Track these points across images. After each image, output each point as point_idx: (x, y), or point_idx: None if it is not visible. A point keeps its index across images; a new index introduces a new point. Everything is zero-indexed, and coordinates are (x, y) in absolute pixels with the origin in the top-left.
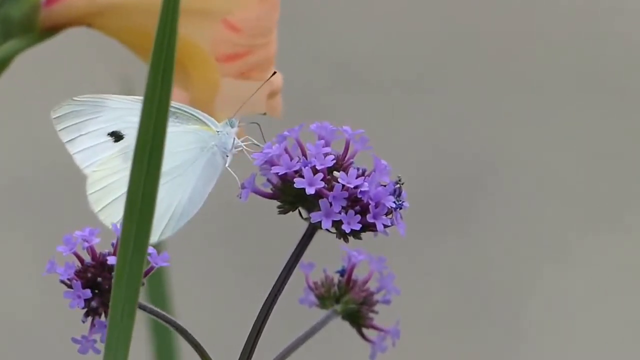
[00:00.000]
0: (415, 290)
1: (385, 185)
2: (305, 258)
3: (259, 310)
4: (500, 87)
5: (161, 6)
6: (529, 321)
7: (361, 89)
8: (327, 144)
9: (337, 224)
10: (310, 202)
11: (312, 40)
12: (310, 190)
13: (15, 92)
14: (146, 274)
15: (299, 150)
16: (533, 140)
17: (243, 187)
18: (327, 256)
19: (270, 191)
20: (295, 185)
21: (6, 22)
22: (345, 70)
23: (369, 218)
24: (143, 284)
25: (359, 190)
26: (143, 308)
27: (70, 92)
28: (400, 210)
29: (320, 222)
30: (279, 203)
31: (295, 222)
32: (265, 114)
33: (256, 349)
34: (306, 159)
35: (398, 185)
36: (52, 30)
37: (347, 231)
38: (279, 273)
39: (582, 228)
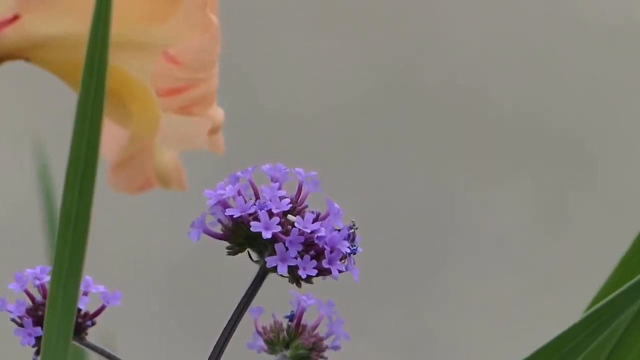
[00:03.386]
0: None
1: (339, 230)
2: (253, 304)
3: (209, 355)
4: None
5: (89, 38)
6: None
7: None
8: (280, 186)
9: (292, 269)
10: (260, 244)
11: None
12: (266, 235)
13: None
14: (97, 313)
15: (252, 192)
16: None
17: (193, 226)
18: (272, 300)
19: (221, 232)
20: (251, 229)
21: None
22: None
23: (325, 263)
24: (94, 324)
25: (315, 236)
26: (88, 345)
27: None
28: (354, 256)
29: (275, 266)
30: (228, 244)
31: (240, 265)
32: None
33: None
34: (260, 201)
35: (352, 230)
36: None
37: (303, 277)
38: (227, 318)
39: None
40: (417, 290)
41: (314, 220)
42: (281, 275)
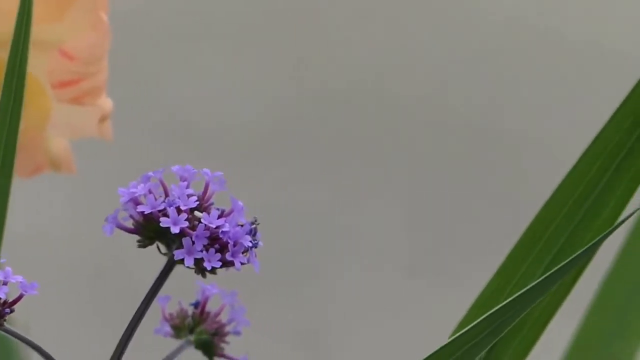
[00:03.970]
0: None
1: (242, 225)
2: (161, 292)
3: (113, 349)
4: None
5: (13, 38)
6: None
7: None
8: (188, 185)
9: (198, 261)
10: (169, 238)
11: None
12: (175, 230)
13: None
14: (15, 301)
15: (162, 190)
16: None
17: (107, 221)
18: (179, 290)
19: (133, 226)
20: (161, 224)
21: None
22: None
23: (228, 256)
24: (12, 311)
25: (220, 230)
26: (6, 331)
27: None
28: (255, 249)
29: (183, 259)
30: (139, 237)
31: (151, 257)
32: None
33: None
34: (169, 199)
35: (254, 226)
36: None
37: (208, 268)
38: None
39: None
40: (305, 284)
41: (219, 217)
42: (188, 266)
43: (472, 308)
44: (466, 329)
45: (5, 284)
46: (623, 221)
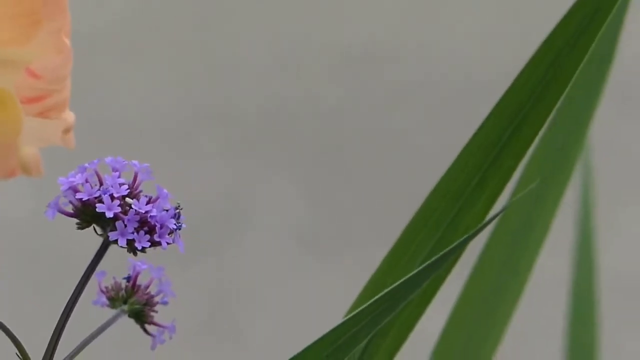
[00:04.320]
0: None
1: (167, 210)
2: (98, 269)
3: (57, 319)
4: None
5: None
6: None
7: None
8: (119, 175)
9: (130, 242)
10: (103, 221)
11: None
12: (109, 214)
13: None
14: None
15: (97, 179)
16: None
17: (49, 207)
18: (115, 267)
19: (72, 211)
20: (97, 210)
21: None
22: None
23: (156, 237)
24: None
25: (148, 215)
26: None
27: None
28: (179, 231)
29: (116, 240)
30: (77, 221)
31: (89, 239)
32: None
33: (58, 347)
34: (104, 187)
35: (178, 210)
36: None
37: (139, 248)
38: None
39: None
40: (208, 259)
41: (147, 203)
42: (121, 246)
43: (364, 290)
44: (347, 318)
45: None
46: (492, 219)
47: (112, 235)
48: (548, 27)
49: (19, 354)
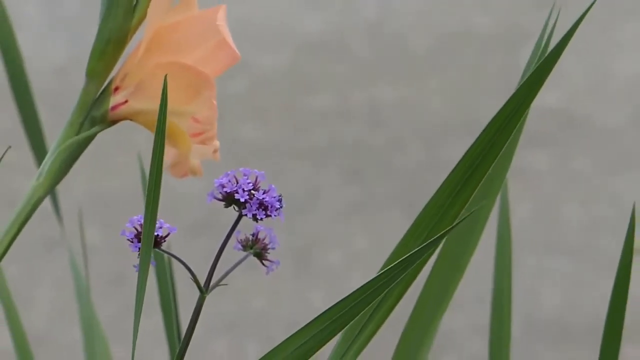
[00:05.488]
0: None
1: (274, 197)
2: (236, 230)
3: (214, 256)
4: None
5: (159, 115)
6: None
7: None
8: (248, 178)
9: (254, 215)
10: (239, 204)
11: None
12: (242, 199)
13: None
14: (165, 237)
15: (235, 180)
16: None
17: (209, 195)
18: (244, 228)
19: (221, 198)
20: (235, 197)
21: (92, 118)
22: None
23: (268, 212)
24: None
25: (264, 200)
26: (162, 250)
27: None
28: (281, 209)
29: (246, 214)
30: (224, 203)
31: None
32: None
33: (214, 274)
34: (239, 184)
35: (280, 197)
36: (113, 122)
37: (259, 218)
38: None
39: None
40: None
41: (263, 193)
42: (248, 218)
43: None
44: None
45: (160, 227)
46: (461, 220)
47: (244, 212)
48: None
49: (192, 278)
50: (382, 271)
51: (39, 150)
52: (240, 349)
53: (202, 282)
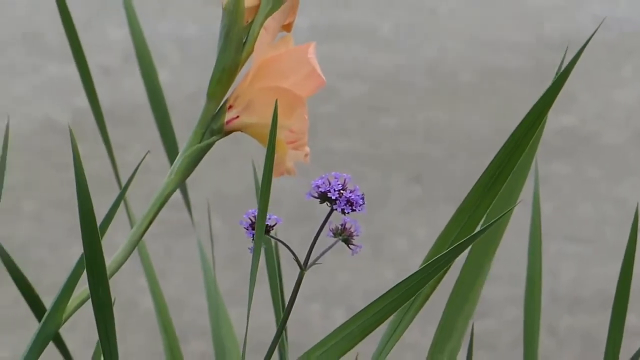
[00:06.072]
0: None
1: (359, 195)
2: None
3: (310, 241)
4: None
5: (270, 128)
6: None
7: None
8: (338, 180)
9: (342, 210)
10: (331, 200)
11: None
12: (333, 197)
13: None
14: (271, 227)
15: (328, 181)
16: None
17: (307, 194)
18: (335, 219)
19: (317, 196)
20: (328, 195)
21: (211, 129)
22: None
23: (354, 207)
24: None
25: (350, 197)
26: (271, 237)
27: None
28: (364, 204)
29: (336, 209)
30: (319, 200)
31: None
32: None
33: (311, 255)
34: (331, 185)
35: (363, 195)
36: (227, 133)
37: (347, 212)
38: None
39: None
40: None
41: (350, 192)
42: (338, 211)
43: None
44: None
45: (269, 218)
46: (494, 221)
47: (334, 207)
48: None
49: (294, 258)
50: (437, 256)
51: (172, 155)
52: (330, 314)
53: (301, 261)
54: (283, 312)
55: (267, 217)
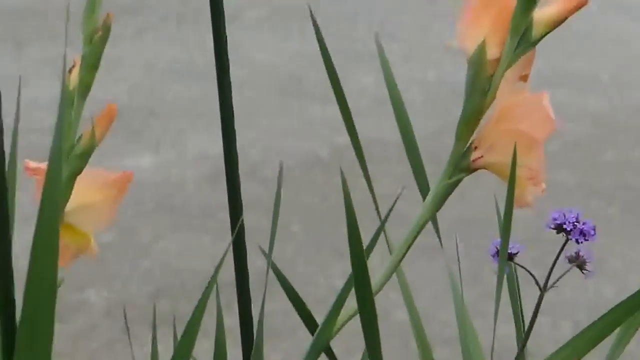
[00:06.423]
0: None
1: (590, 227)
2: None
3: (549, 266)
4: None
5: (510, 166)
6: None
7: None
8: (572, 215)
9: (576, 239)
10: (566, 232)
11: None
12: (568, 228)
13: None
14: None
15: (563, 215)
16: None
17: (546, 226)
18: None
19: (553, 227)
20: (564, 227)
21: (460, 167)
22: None
23: (586, 237)
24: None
25: (583, 229)
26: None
27: None
28: (594, 235)
29: (571, 238)
30: (555, 230)
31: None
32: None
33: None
34: (566, 219)
35: (594, 227)
36: (473, 170)
37: (581, 241)
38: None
39: None
40: None
41: (583, 224)
42: (572, 240)
43: None
44: None
45: None
46: None
47: (570, 237)
48: None
49: (535, 282)
50: None
51: (422, 187)
52: (559, 327)
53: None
54: (525, 330)
55: (510, 245)
